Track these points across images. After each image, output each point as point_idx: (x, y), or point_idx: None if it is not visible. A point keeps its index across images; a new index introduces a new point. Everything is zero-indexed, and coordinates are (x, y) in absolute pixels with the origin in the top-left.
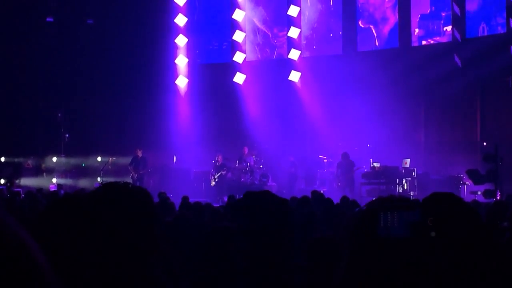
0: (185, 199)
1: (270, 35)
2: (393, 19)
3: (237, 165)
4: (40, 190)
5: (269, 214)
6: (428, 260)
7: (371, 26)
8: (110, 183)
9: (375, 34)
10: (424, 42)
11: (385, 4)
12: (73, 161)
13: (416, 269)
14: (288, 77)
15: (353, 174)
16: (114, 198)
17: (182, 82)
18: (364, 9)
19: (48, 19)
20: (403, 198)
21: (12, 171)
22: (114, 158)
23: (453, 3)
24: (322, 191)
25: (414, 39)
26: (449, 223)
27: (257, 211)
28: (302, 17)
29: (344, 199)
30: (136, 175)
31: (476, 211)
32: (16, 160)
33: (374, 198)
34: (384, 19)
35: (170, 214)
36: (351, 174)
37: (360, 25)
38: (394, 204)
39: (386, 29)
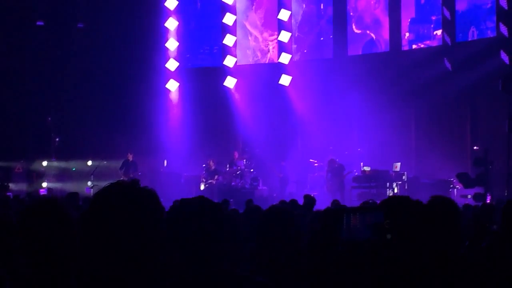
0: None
1: (260, 39)
2: (386, 22)
3: (227, 169)
4: (29, 195)
5: (203, 220)
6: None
7: (368, 31)
8: (115, 183)
9: (374, 38)
10: (414, 46)
11: (373, 8)
12: (63, 165)
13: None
14: (278, 81)
15: (343, 178)
16: (117, 199)
17: (172, 86)
18: (356, 14)
19: (38, 23)
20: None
21: (1, 176)
22: (105, 162)
23: (443, 7)
24: (313, 195)
25: (404, 43)
26: (405, 225)
27: (191, 218)
28: (292, 21)
29: (335, 202)
30: (127, 179)
31: (437, 214)
32: (5, 164)
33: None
34: (377, 22)
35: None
36: (341, 178)
37: (355, 30)
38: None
39: (386, 33)
